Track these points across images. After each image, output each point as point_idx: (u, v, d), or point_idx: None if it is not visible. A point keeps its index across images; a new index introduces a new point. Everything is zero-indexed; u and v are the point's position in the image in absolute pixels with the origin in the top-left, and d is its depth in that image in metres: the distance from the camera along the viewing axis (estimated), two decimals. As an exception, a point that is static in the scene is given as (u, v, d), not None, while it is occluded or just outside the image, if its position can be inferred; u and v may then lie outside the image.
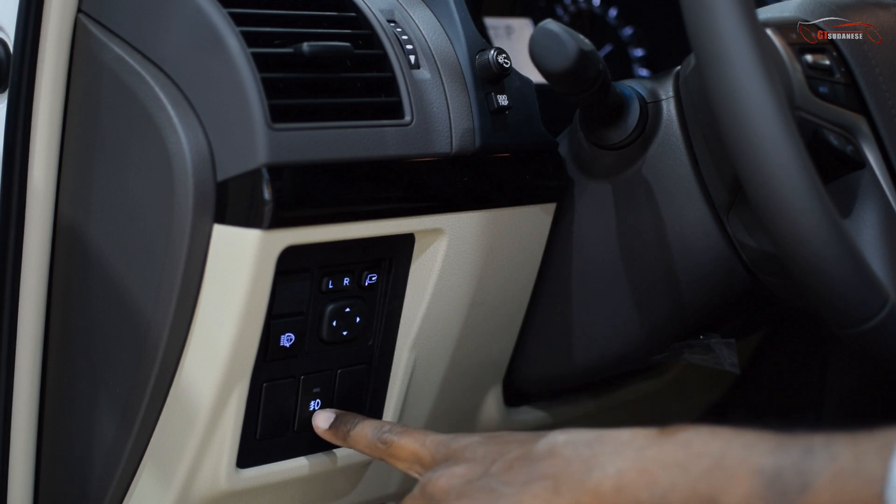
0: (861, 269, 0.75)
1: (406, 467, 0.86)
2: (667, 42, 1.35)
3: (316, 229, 0.84)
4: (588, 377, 1.10)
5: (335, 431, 0.91)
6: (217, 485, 0.88)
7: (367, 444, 0.88)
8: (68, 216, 0.90)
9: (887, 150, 0.91)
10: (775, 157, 0.72)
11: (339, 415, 0.92)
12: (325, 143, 0.83)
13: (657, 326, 1.01)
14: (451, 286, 0.95)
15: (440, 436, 0.84)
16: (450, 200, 0.92)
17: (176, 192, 0.81)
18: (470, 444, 0.81)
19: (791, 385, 1.40)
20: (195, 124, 0.82)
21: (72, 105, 0.89)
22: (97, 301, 0.89)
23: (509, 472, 0.77)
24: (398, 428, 0.87)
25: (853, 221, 0.89)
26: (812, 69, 0.90)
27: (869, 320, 0.75)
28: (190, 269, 0.82)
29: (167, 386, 0.86)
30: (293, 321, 0.89)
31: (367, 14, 0.92)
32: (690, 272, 0.97)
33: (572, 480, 0.73)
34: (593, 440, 0.75)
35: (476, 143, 0.92)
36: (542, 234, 1.01)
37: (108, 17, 0.87)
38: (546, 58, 0.86)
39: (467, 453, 0.80)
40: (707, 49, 0.72)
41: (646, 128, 0.96)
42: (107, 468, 0.90)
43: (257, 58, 0.81)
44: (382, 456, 0.87)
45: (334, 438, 0.91)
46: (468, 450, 0.80)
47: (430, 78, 0.91)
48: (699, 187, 0.95)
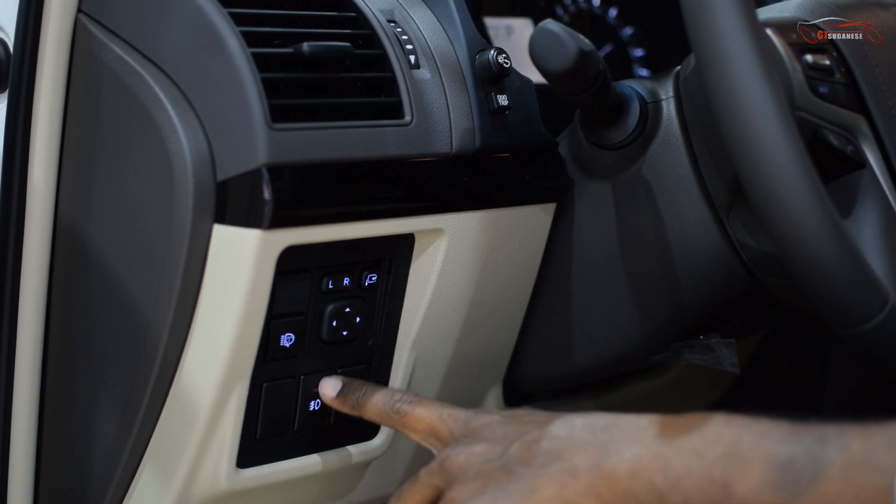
0: (861, 269, 0.75)
1: (420, 438, 0.86)
2: (667, 42, 1.35)
3: (316, 229, 0.84)
4: (588, 377, 1.10)
5: (343, 399, 0.90)
6: (217, 485, 0.88)
7: (377, 412, 0.88)
8: (68, 216, 0.90)
9: (887, 150, 0.91)
10: (775, 157, 0.72)
11: (346, 382, 0.90)
12: (325, 143, 0.83)
13: (657, 326, 1.01)
14: (451, 286, 0.95)
15: (459, 411, 0.85)
16: (450, 200, 0.92)
17: (176, 192, 0.81)
18: (490, 423, 0.82)
19: (791, 385, 1.40)
20: (195, 124, 0.82)
21: (72, 105, 0.89)
22: (97, 301, 0.89)
23: (527, 453, 0.78)
24: (410, 397, 0.87)
25: (853, 221, 0.89)
26: (812, 69, 0.91)
27: (869, 320, 0.75)
28: (190, 269, 0.82)
29: (167, 386, 0.86)
30: (293, 321, 0.89)
31: (367, 14, 0.92)
32: (690, 272, 0.97)
33: (588, 464, 0.74)
34: (610, 424, 0.76)
35: (476, 143, 0.92)
36: (542, 234, 1.01)
37: (108, 17, 0.87)
38: (546, 58, 0.86)
39: (486, 432, 0.81)
40: (707, 49, 0.72)
41: (646, 128, 0.96)
42: (107, 468, 0.90)
43: (257, 58, 0.81)
44: (394, 425, 0.87)
45: (342, 407, 0.90)
46: (488, 429, 0.81)
47: (430, 78, 0.91)
48: (699, 187, 0.95)
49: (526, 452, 0.78)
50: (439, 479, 0.82)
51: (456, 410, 0.85)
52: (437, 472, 0.82)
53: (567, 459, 0.76)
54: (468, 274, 0.96)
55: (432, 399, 0.87)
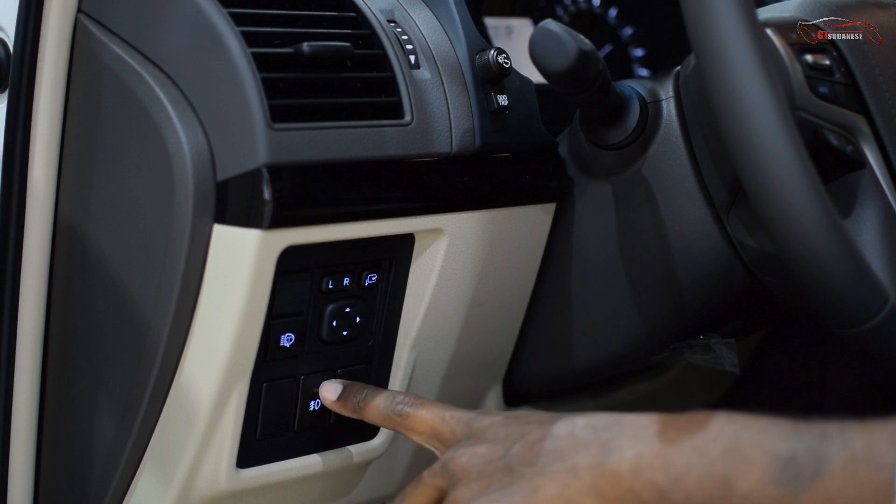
0: (861, 269, 0.75)
1: (422, 440, 0.86)
2: (667, 42, 1.35)
3: (316, 229, 0.84)
4: (588, 377, 1.10)
5: (344, 402, 0.90)
6: (217, 485, 0.88)
7: (379, 415, 0.88)
8: (68, 216, 0.90)
9: (887, 150, 0.91)
10: (775, 157, 0.72)
11: (347, 385, 0.91)
12: (325, 143, 0.83)
13: (657, 326, 1.01)
14: (451, 286, 0.95)
15: (461, 412, 0.85)
16: (450, 200, 0.92)
17: (176, 192, 0.81)
18: (492, 424, 0.82)
19: (791, 385, 1.40)
20: (195, 124, 0.82)
21: (72, 105, 0.89)
22: (97, 301, 0.89)
23: (529, 453, 0.78)
24: (411, 399, 0.87)
25: (853, 221, 0.89)
26: (812, 69, 0.91)
27: (869, 320, 0.75)
28: (190, 269, 0.82)
29: (167, 386, 0.86)
30: (293, 321, 0.89)
31: (367, 14, 0.92)
32: (690, 272, 0.97)
33: (590, 463, 0.75)
34: (612, 424, 0.76)
35: (476, 143, 0.92)
36: (542, 234, 1.01)
37: (108, 17, 0.87)
38: (546, 58, 0.86)
39: (489, 433, 0.81)
40: (707, 49, 0.72)
41: (646, 128, 0.96)
42: (107, 468, 0.90)
43: (257, 58, 0.81)
44: (397, 427, 0.87)
45: (343, 410, 0.90)
46: (490, 430, 0.82)
47: (430, 78, 0.91)
48: (699, 187, 0.95)
49: (528, 452, 0.78)
50: (442, 480, 0.82)
51: (458, 412, 0.85)
52: (439, 473, 0.82)
53: (569, 459, 0.76)
54: (468, 274, 0.96)
55: (434, 401, 0.87)
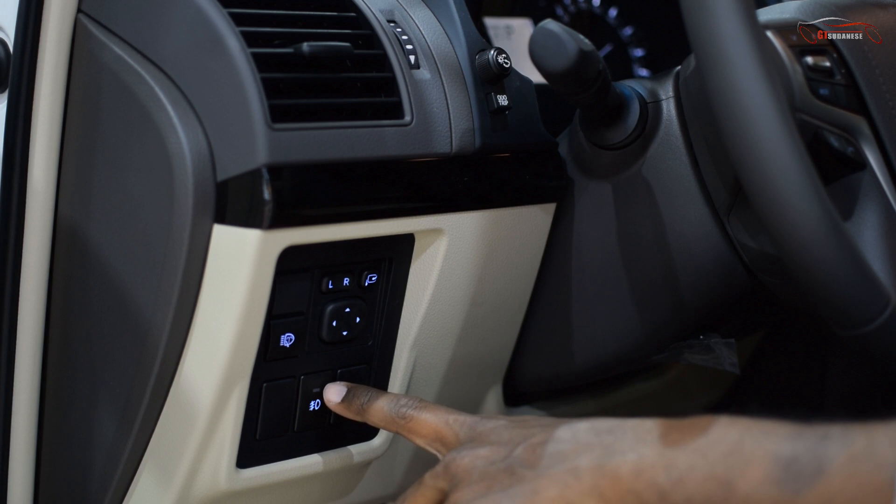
0: (862, 270, 0.75)
1: (425, 443, 0.87)
2: (667, 42, 1.34)
3: (316, 229, 0.84)
4: (588, 377, 1.10)
5: (348, 405, 0.90)
6: (217, 485, 0.88)
7: (383, 417, 0.88)
8: (68, 216, 0.90)
9: (888, 151, 0.91)
10: (776, 159, 0.72)
11: (350, 388, 0.91)
12: (325, 143, 0.83)
13: (657, 326, 1.01)
14: (451, 286, 0.95)
15: (465, 416, 0.85)
16: (450, 200, 0.92)
17: (176, 192, 0.81)
18: (496, 428, 0.82)
19: (791, 385, 1.40)
20: (195, 124, 0.82)
21: (72, 105, 0.89)
22: (97, 301, 0.89)
23: (531, 455, 0.78)
24: (415, 402, 0.88)
25: (854, 223, 0.89)
26: (812, 71, 0.91)
27: (871, 322, 0.75)
28: (190, 269, 0.82)
29: (167, 386, 0.86)
30: (293, 321, 0.89)
31: (367, 14, 0.92)
32: (690, 272, 0.97)
33: (591, 465, 0.75)
34: (615, 427, 0.76)
35: (476, 143, 0.92)
36: (542, 234, 1.01)
37: (108, 17, 0.87)
38: (546, 58, 0.86)
39: (493, 436, 0.82)
40: (707, 51, 0.72)
41: (646, 128, 0.96)
42: (107, 468, 0.90)
43: (257, 58, 0.81)
44: (400, 430, 0.88)
45: (347, 412, 0.91)
46: (494, 433, 0.82)
47: (430, 78, 0.91)
48: (699, 187, 0.95)
49: (530, 455, 0.78)
50: (444, 481, 0.82)
51: (462, 416, 0.85)
52: (441, 475, 0.82)
53: (570, 460, 0.76)
54: (468, 274, 0.96)
55: (437, 405, 0.88)
